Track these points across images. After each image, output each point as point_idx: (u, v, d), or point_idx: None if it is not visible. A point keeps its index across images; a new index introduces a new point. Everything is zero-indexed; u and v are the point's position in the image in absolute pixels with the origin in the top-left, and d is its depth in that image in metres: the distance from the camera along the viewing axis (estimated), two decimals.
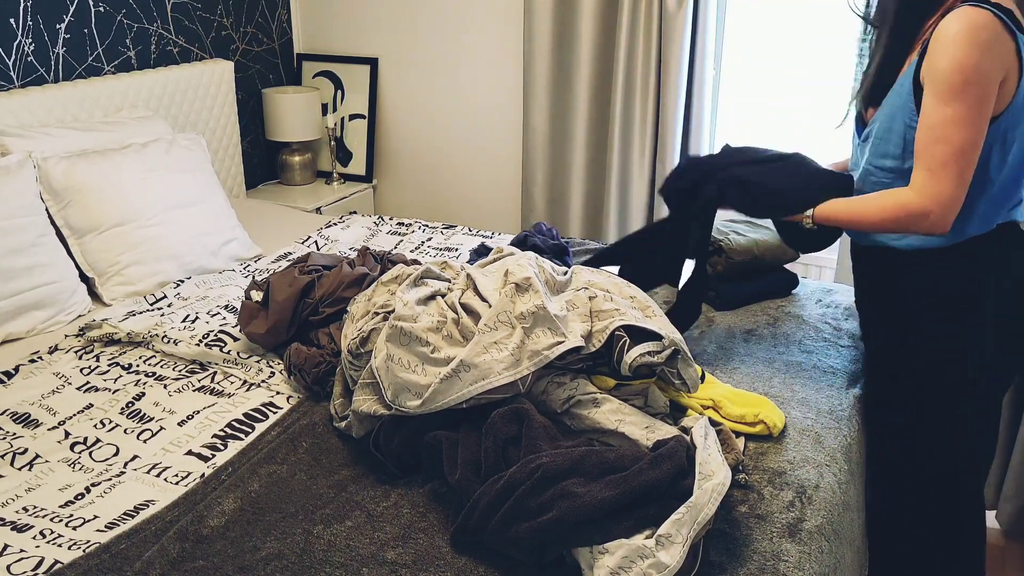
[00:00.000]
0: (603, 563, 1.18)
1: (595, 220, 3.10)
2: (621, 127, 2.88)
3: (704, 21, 2.71)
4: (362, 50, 3.51)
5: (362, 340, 1.58)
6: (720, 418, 1.56)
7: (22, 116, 2.39)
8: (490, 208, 3.46)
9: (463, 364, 1.42)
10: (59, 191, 2.24)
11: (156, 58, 2.93)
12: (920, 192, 1.44)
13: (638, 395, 1.53)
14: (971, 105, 1.38)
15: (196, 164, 2.55)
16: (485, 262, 1.76)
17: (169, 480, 1.51)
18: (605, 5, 2.84)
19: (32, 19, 2.50)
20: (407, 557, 1.27)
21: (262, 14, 3.40)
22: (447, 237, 2.73)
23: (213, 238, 2.46)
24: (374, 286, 1.74)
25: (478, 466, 1.35)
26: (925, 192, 1.44)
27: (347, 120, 3.59)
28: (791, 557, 1.28)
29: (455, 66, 3.33)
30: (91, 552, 1.30)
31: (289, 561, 1.27)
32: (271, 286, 1.93)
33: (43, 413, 1.71)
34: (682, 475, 1.25)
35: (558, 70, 2.99)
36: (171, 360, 1.91)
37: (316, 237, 2.70)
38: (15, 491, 1.48)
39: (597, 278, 1.69)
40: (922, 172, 1.44)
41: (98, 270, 2.28)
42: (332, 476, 1.48)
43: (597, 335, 1.49)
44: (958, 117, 1.39)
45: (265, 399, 1.76)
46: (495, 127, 3.33)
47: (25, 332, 2.06)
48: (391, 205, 3.69)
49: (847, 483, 1.53)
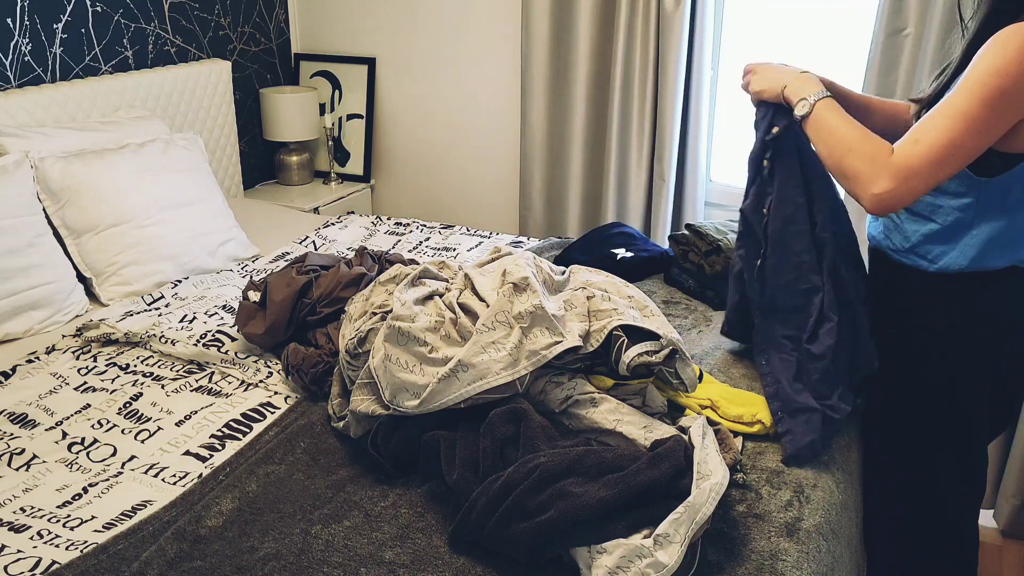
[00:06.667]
0: (601, 563, 1.18)
1: (593, 220, 3.10)
2: (619, 127, 2.88)
3: (702, 21, 2.71)
4: (360, 50, 3.51)
5: (360, 340, 1.58)
6: (718, 418, 1.56)
7: (19, 116, 2.39)
8: (488, 208, 3.46)
9: (461, 364, 1.42)
10: (56, 191, 2.24)
11: (153, 58, 2.93)
12: (897, 158, 1.36)
13: (636, 395, 1.53)
14: (991, 113, 1.30)
15: (194, 164, 2.55)
16: (483, 262, 1.76)
17: (167, 480, 1.50)
18: (603, 5, 2.84)
19: (29, 19, 2.50)
20: (405, 557, 1.27)
21: (260, 14, 3.39)
22: (445, 237, 2.73)
23: (211, 238, 2.46)
24: (372, 286, 1.74)
25: (476, 466, 1.35)
26: (901, 160, 1.35)
27: (345, 120, 3.58)
28: (789, 556, 1.28)
29: (453, 66, 3.33)
30: (88, 552, 1.29)
31: (287, 561, 1.26)
32: (269, 286, 1.93)
33: (40, 413, 1.71)
34: (680, 475, 1.25)
35: (556, 70, 2.99)
36: (169, 360, 1.91)
37: (314, 237, 2.70)
38: (12, 491, 1.48)
39: (595, 278, 1.69)
40: (909, 141, 1.36)
41: (95, 270, 2.27)
42: (330, 476, 1.48)
43: (595, 335, 1.49)
44: (973, 116, 1.31)
45: (263, 399, 1.76)
46: (493, 127, 3.33)
47: (22, 332, 2.05)
48: (389, 205, 3.68)
49: (845, 482, 1.53)
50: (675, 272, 2.24)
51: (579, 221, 3.10)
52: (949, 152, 1.33)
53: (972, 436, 1.62)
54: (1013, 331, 1.52)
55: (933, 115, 1.35)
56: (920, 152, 1.34)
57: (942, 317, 1.54)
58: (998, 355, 1.53)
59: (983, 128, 1.32)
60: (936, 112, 1.35)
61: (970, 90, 1.31)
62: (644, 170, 2.91)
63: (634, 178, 2.93)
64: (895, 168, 1.35)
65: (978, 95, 1.30)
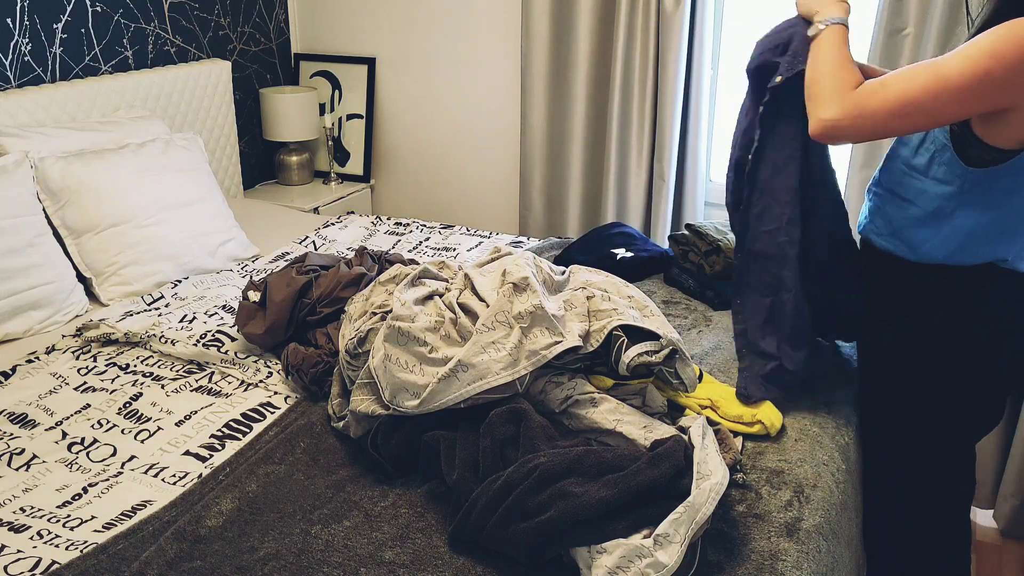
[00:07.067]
0: (601, 563, 1.18)
1: (593, 220, 3.10)
2: (619, 127, 2.88)
3: (702, 21, 2.71)
4: (360, 50, 3.51)
5: (360, 340, 1.58)
6: (718, 417, 1.56)
7: (19, 116, 2.38)
8: (488, 208, 3.46)
9: (461, 364, 1.42)
10: (56, 191, 2.24)
11: (153, 58, 2.93)
12: (858, 94, 1.34)
13: (636, 395, 1.53)
14: (969, 90, 1.27)
15: (193, 164, 2.55)
16: (483, 262, 1.76)
17: (167, 480, 1.50)
18: (602, 5, 2.84)
19: (29, 19, 2.49)
20: (405, 557, 1.27)
21: (259, 14, 3.39)
22: (445, 237, 2.73)
23: (211, 238, 2.46)
24: (372, 286, 1.74)
25: (476, 466, 1.35)
26: (860, 97, 1.33)
27: (345, 120, 3.58)
28: (789, 556, 1.28)
29: (453, 66, 3.33)
30: (88, 552, 1.29)
31: (287, 561, 1.26)
32: (268, 286, 1.93)
33: (40, 413, 1.71)
34: (680, 475, 1.25)
35: (556, 70, 2.99)
36: (168, 360, 1.91)
37: (314, 237, 2.70)
38: (12, 492, 1.48)
39: (595, 278, 1.69)
40: (878, 82, 1.34)
41: (95, 270, 2.27)
42: (330, 476, 1.48)
43: (595, 335, 1.49)
44: (952, 85, 1.27)
45: (263, 399, 1.76)
46: (493, 127, 3.33)
47: (22, 332, 2.05)
48: (389, 205, 3.68)
49: (845, 482, 1.53)
50: (675, 272, 2.24)
51: (579, 221, 3.10)
52: (911, 108, 1.31)
53: (968, 435, 1.62)
54: (1011, 330, 1.52)
55: (914, 67, 1.33)
56: (883, 96, 1.32)
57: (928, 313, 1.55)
58: (994, 353, 1.53)
59: (955, 100, 1.29)
60: (918, 66, 1.32)
61: (959, 61, 1.28)
62: (644, 170, 2.91)
63: (634, 178, 2.93)
64: (852, 102, 1.34)
65: (966, 68, 1.27)
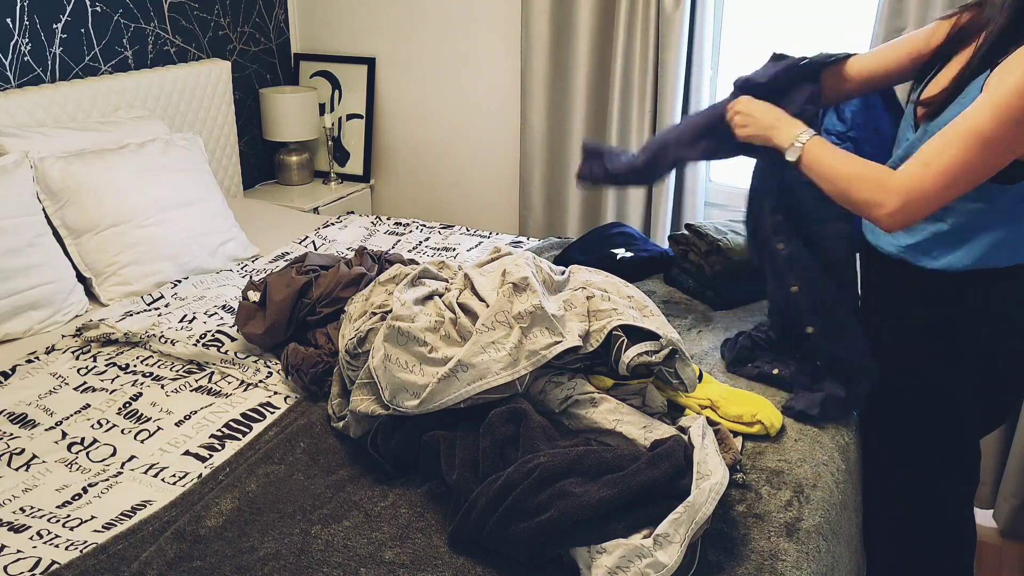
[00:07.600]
0: (601, 563, 1.18)
1: (593, 220, 3.10)
2: (618, 127, 2.88)
3: (701, 21, 2.70)
4: (359, 50, 3.51)
5: (359, 340, 1.58)
6: (718, 417, 1.56)
7: (19, 116, 2.38)
8: (488, 208, 3.46)
9: (461, 364, 1.42)
10: (56, 191, 2.24)
11: (153, 58, 2.93)
12: (904, 179, 1.35)
13: (636, 395, 1.53)
14: (1010, 136, 1.27)
15: (193, 164, 2.55)
16: (482, 262, 1.76)
17: (166, 480, 1.50)
18: (602, 5, 2.84)
19: (29, 19, 2.49)
20: (405, 557, 1.27)
21: (259, 14, 3.39)
22: (444, 237, 2.73)
23: (210, 238, 2.46)
24: (371, 286, 1.74)
25: (476, 466, 1.35)
26: (909, 182, 1.34)
27: (344, 120, 3.58)
28: (789, 556, 1.28)
29: (453, 66, 3.33)
30: (88, 553, 1.29)
31: (287, 561, 1.26)
32: (268, 286, 1.93)
33: (40, 413, 1.71)
34: (680, 475, 1.25)
35: (555, 70, 2.99)
36: (168, 360, 1.91)
37: (313, 237, 2.70)
38: (12, 492, 1.48)
39: (595, 278, 1.69)
40: (919, 163, 1.35)
41: (95, 270, 2.27)
42: (330, 476, 1.48)
43: (595, 335, 1.49)
44: (990, 138, 1.27)
45: (263, 399, 1.76)
46: (493, 127, 3.33)
47: (22, 332, 2.05)
48: (388, 205, 3.68)
49: (845, 482, 1.53)
50: (675, 272, 2.24)
51: (579, 221, 3.10)
52: (960, 176, 1.32)
53: (969, 434, 1.62)
54: (1013, 330, 1.52)
55: (947, 135, 1.32)
56: (931, 175, 1.33)
57: (940, 316, 1.54)
58: (996, 354, 1.53)
59: (1000, 151, 1.30)
60: (950, 133, 1.32)
61: (990, 112, 1.28)
62: None
63: None
64: (905, 189, 1.35)
65: (999, 116, 1.27)
